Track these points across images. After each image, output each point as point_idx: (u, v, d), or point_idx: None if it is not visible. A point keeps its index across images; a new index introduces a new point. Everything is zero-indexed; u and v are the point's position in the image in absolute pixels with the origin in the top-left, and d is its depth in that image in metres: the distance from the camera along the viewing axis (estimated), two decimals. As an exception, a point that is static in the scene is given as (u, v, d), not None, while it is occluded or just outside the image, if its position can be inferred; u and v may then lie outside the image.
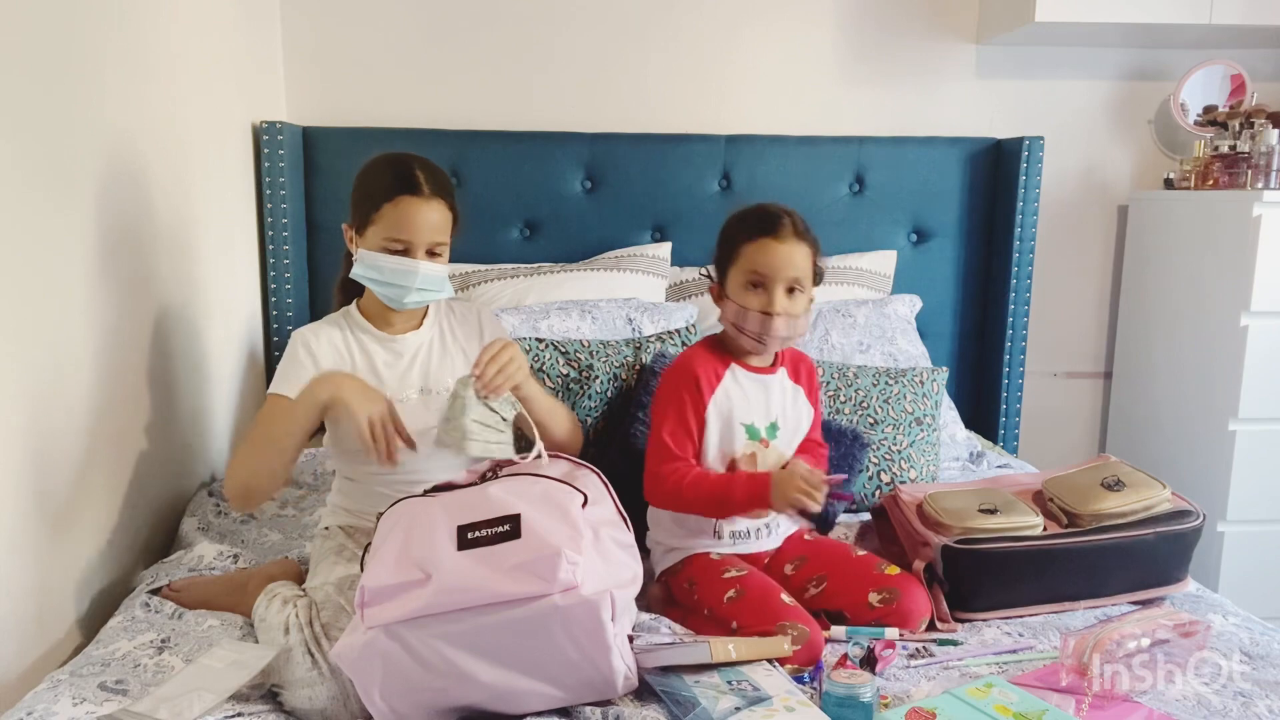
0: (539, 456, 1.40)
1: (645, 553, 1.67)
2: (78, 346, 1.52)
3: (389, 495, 1.41)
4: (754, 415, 1.62)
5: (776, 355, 1.70)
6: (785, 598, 1.46)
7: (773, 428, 1.63)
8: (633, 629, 1.35)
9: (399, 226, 1.52)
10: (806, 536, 1.70)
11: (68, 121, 1.49)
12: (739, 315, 1.57)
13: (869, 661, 1.35)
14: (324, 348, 1.58)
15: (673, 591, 1.60)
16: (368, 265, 1.54)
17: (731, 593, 1.48)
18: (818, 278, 1.63)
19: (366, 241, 1.55)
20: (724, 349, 1.66)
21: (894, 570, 1.53)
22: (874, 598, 1.49)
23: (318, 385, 1.47)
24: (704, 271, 1.66)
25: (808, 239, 1.58)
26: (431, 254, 1.55)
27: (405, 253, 1.53)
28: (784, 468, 1.57)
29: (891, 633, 1.45)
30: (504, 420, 1.45)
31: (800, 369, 1.72)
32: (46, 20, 1.42)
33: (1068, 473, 1.76)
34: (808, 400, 1.71)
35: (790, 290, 1.56)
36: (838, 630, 1.46)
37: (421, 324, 1.65)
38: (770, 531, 1.65)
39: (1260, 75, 2.70)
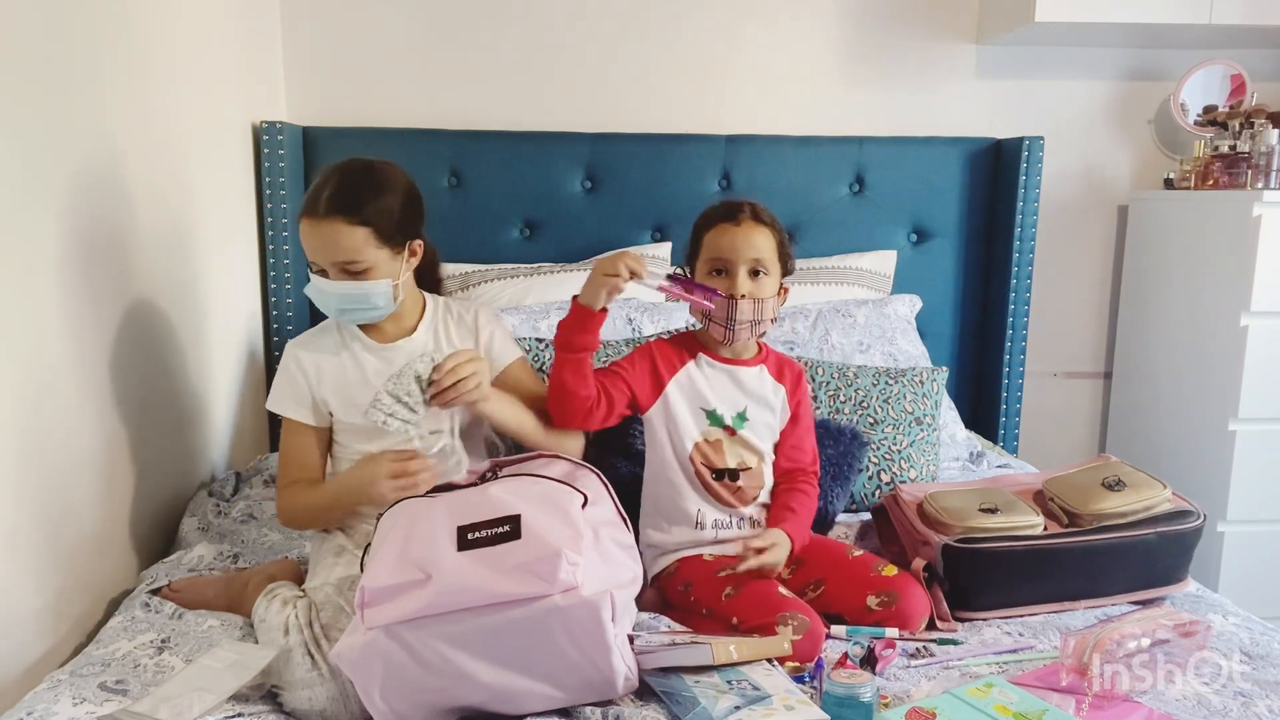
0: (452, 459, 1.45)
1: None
2: (78, 346, 1.52)
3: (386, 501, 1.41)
4: (718, 403, 1.64)
5: (760, 351, 1.71)
6: (783, 590, 1.46)
7: (740, 417, 1.64)
8: (633, 629, 1.34)
9: (308, 249, 1.50)
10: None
11: (68, 123, 1.49)
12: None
13: (869, 661, 1.35)
14: (313, 361, 1.57)
15: (668, 595, 1.60)
16: (314, 290, 1.53)
17: (729, 590, 1.47)
18: (787, 265, 1.65)
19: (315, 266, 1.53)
20: (692, 342, 1.69)
21: (892, 571, 1.52)
22: (872, 601, 1.49)
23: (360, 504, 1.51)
24: (678, 270, 1.70)
25: (768, 223, 1.62)
26: (351, 273, 1.48)
27: (325, 274, 1.50)
28: (728, 475, 1.58)
29: (892, 632, 1.45)
30: (420, 404, 1.42)
31: (785, 371, 1.72)
32: (46, 21, 1.42)
33: (1068, 472, 1.76)
34: (788, 402, 1.70)
35: (754, 274, 1.59)
36: (838, 629, 1.46)
37: (416, 329, 1.62)
38: (753, 524, 1.64)
39: (1260, 75, 2.70)
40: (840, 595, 1.52)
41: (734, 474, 1.62)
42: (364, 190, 1.48)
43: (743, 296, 1.58)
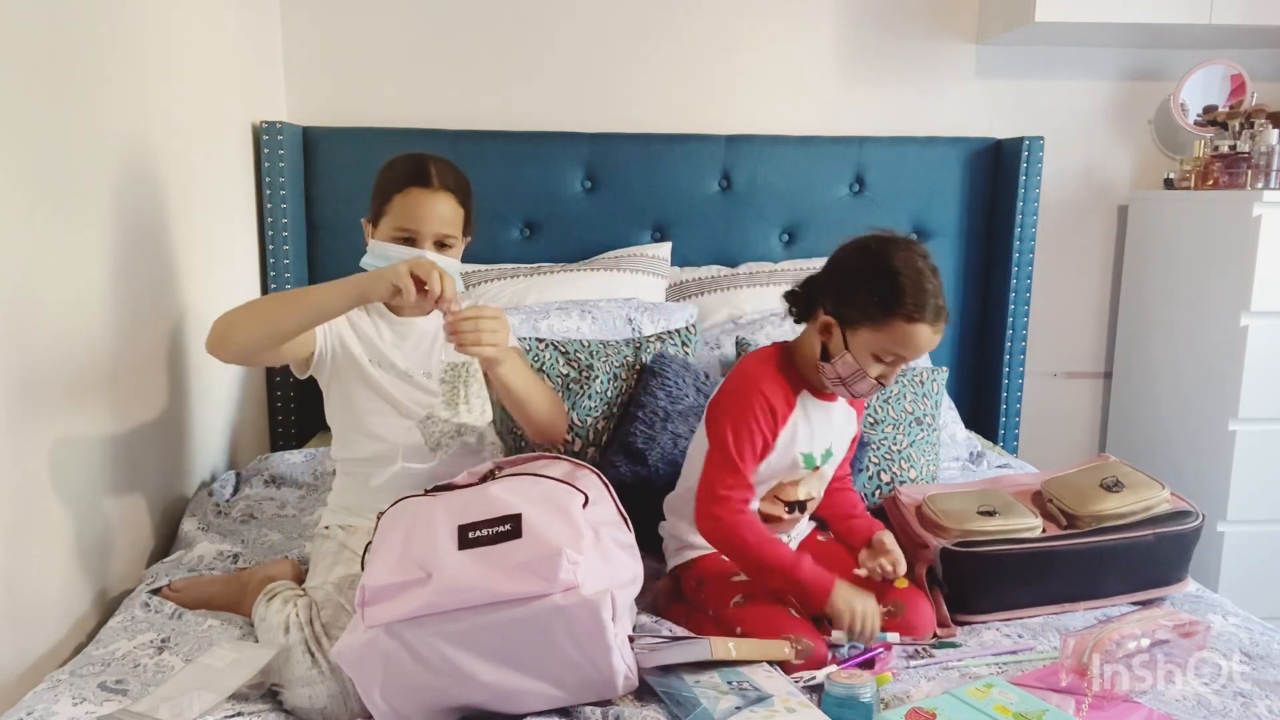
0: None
1: (656, 543, 1.67)
2: (77, 345, 1.52)
3: (388, 494, 1.41)
4: (814, 444, 1.57)
5: None
6: (792, 611, 1.44)
7: (827, 454, 1.60)
8: (633, 630, 1.34)
9: (407, 216, 1.54)
10: (820, 537, 1.69)
11: (67, 123, 1.49)
12: (852, 373, 1.48)
13: (866, 662, 1.35)
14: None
15: (681, 586, 1.60)
16: (376, 254, 1.56)
17: (738, 598, 1.47)
18: None
19: (379, 233, 1.58)
20: (795, 371, 1.56)
21: (903, 584, 1.51)
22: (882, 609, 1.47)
23: (359, 277, 1.45)
24: (822, 308, 1.52)
25: None
26: (441, 245, 1.56)
27: (413, 242, 1.55)
28: (797, 508, 1.52)
29: (893, 636, 1.44)
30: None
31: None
32: (45, 21, 1.42)
33: (1067, 473, 1.76)
34: (856, 422, 1.68)
35: None
36: (838, 635, 1.45)
37: (430, 312, 1.65)
38: (787, 540, 1.63)
39: (1260, 75, 2.70)
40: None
41: (803, 505, 1.60)
42: (462, 177, 1.61)
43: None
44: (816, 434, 1.57)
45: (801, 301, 1.57)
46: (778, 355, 1.58)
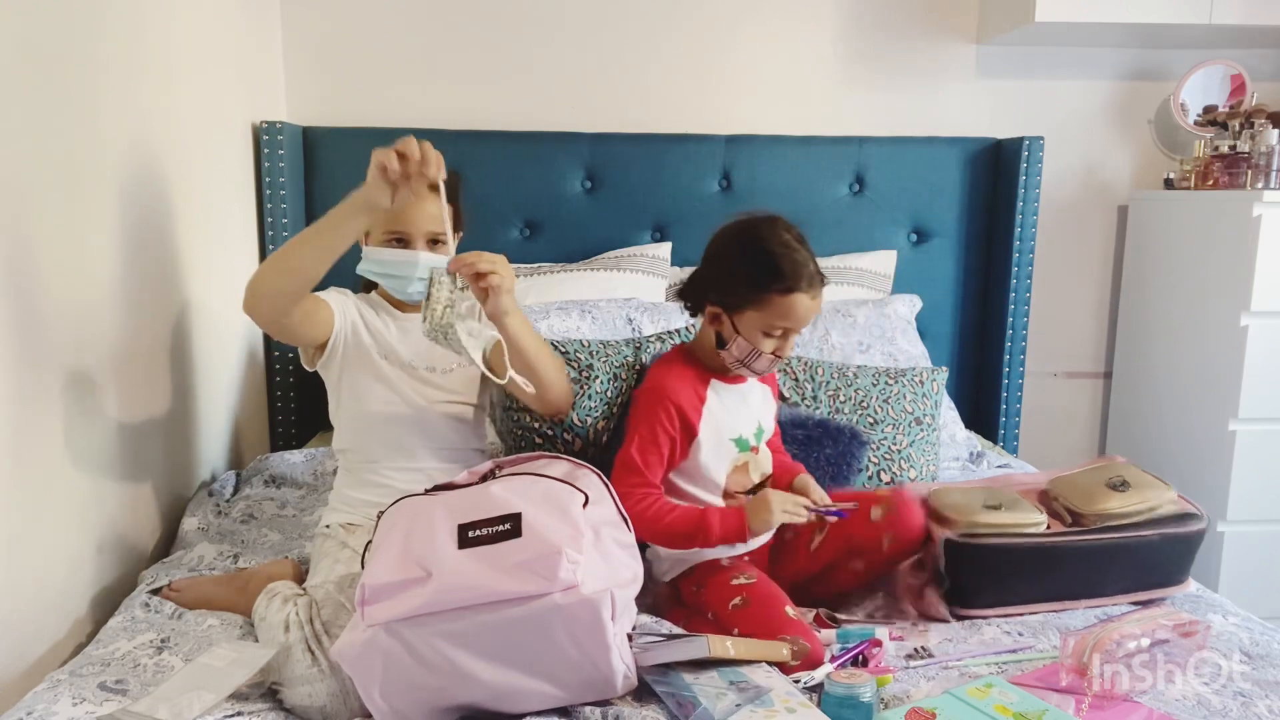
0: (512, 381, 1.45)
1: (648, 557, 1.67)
2: (77, 346, 1.52)
3: (389, 491, 1.41)
4: (740, 426, 1.62)
5: None
6: (789, 610, 1.44)
7: (759, 432, 1.65)
8: (633, 630, 1.34)
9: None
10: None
11: (67, 123, 1.49)
12: (748, 353, 1.54)
13: (861, 662, 1.35)
14: (359, 304, 1.65)
15: (680, 592, 1.60)
16: (371, 259, 1.57)
17: (737, 600, 1.47)
18: None
19: (372, 238, 1.59)
20: (699, 364, 1.62)
21: (885, 491, 1.59)
22: (875, 512, 1.53)
23: (355, 193, 1.43)
24: (707, 296, 1.58)
25: None
26: (434, 243, 1.57)
27: (405, 244, 1.55)
28: (757, 490, 1.59)
29: (881, 632, 1.44)
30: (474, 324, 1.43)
31: None
32: (45, 21, 1.42)
33: (1073, 472, 1.75)
34: (773, 399, 1.74)
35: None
36: (828, 634, 1.45)
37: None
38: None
39: (1260, 75, 2.70)
40: (842, 526, 1.56)
41: (761, 486, 1.63)
42: (449, 173, 1.56)
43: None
44: (737, 415, 1.62)
45: (690, 297, 1.63)
46: (680, 354, 1.66)
